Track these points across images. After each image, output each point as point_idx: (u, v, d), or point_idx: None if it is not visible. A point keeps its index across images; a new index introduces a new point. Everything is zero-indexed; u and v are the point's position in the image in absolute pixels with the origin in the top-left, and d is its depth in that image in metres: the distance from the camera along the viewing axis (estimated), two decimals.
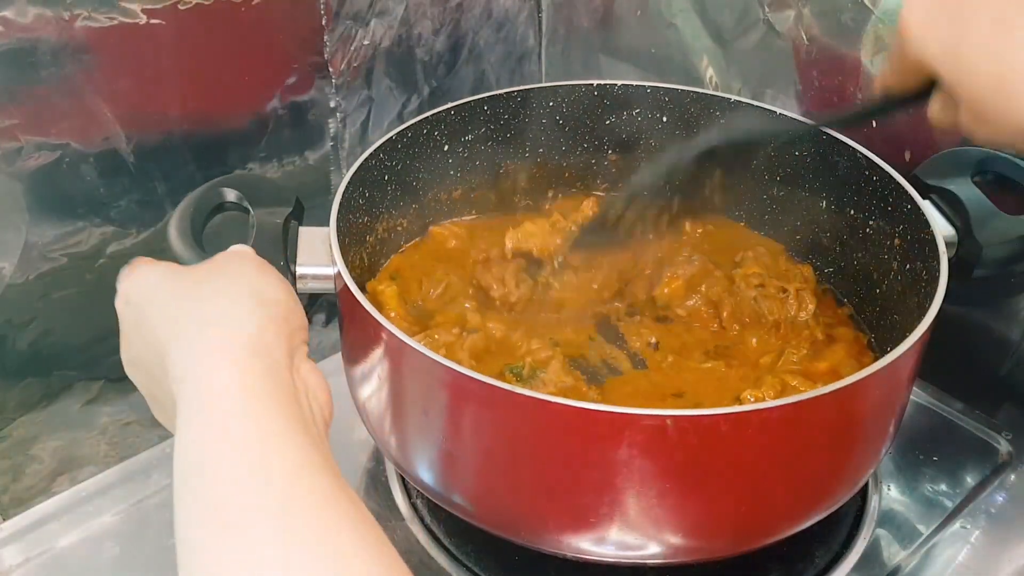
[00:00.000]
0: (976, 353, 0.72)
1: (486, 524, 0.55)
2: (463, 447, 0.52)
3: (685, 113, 0.74)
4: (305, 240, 0.57)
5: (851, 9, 0.69)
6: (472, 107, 0.71)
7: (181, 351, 0.42)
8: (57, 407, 0.69)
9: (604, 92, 0.75)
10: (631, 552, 0.50)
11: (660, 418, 0.44)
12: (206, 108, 0.68)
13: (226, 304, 0.44)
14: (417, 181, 0.70)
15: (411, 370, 0.51)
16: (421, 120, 0.67)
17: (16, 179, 0.60)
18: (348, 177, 0.60)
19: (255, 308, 0.44)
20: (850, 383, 0.46)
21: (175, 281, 0.47)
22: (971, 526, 0.65)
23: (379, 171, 0.65)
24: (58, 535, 0.66)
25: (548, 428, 0.47)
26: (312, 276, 0.56)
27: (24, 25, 0.57)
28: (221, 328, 0.42)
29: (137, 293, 0.47)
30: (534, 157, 0.76)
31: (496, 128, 0.73)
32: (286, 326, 0.45)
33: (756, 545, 0.53)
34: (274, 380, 0.41)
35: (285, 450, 0.38)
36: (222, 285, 0.46)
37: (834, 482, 0.53)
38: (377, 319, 0.50)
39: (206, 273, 0.48)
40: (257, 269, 0.48)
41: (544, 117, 0.74)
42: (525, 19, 0.90)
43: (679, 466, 0.47)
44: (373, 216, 0.66)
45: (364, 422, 0.59)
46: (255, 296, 0.45)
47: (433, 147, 0.70)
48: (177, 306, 0.45)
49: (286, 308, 0.46)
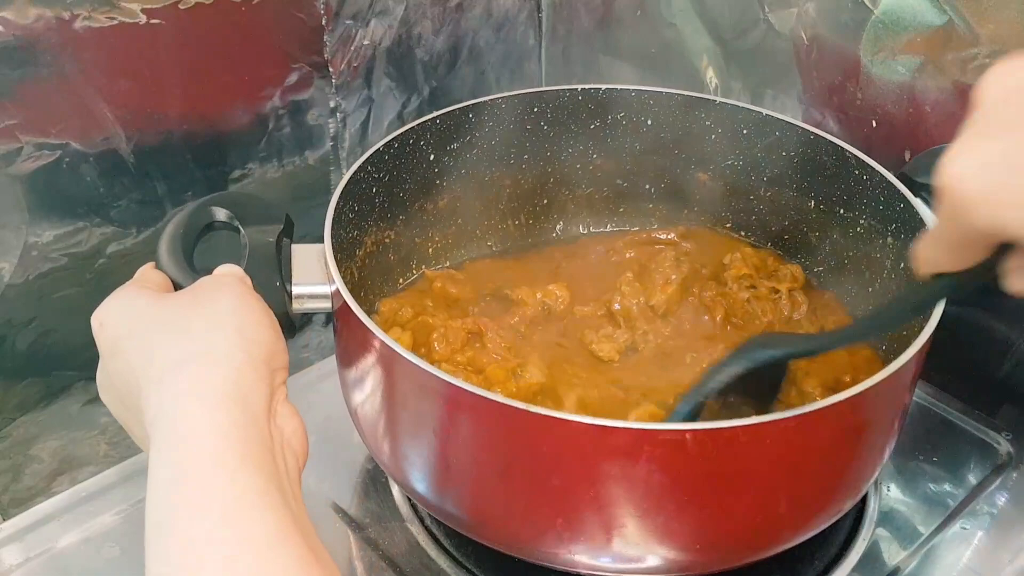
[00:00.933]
0: (976, 353, 0.72)
1: (480, 537, 0.54)
2: (458, 461, 0.51)
3: (670, 116, 0.73)
4: (299, 258, 0.56)
5: (851, 9, 0.69)
6: (457, 115, 0.70)
7: (156, 390, 0.40)
8: (57, 407, 0.69)
9: (588, 96, 0.74)
10: (631, 565, 0.50)
11: (667, 432, 0.44)
12: (206, 108, 0.68)
13: (205, 342, 0.42)
14: (404, 192, 0.69)
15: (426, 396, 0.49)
16: (407, 130, 0.67)
17: (16, 179, 0.60)
18: (338, 192, 0.59)
19: (236, 349, 0.42)
20: (864, 389, 0.46)
21: (154, 311, 0.45)
22: (971, 526, 0.65)
23: (367, 183, 0.64)
24: (58, 535, 0.66)
25: (546, 442, 0.46)
26: (308, 295, 0.54)
27: (24, 25, 0.57)
28: (198, 369, 0.40)
29: (114, 320, 0.45)
30: (519, 164, 0.75)
31: (480, 136, 0.72)
32: (267, 369, 0.43)
33: (761, 556, 0.53)
34: (250, 431, 0.39)
35: (259, 514, 0.36)
36: (202, 320, 0.44)
37: (840, 488, 0.53)
38: (377, 335, 0.49)
39: (187, 304, 0.45)
40: (241, 301, 0.45)
41: (528, 123, 0.73)
42: (525, 19, 0.90)
43: (686, 481, 0.46)
44: (362, 230, 0.65)
45: (357, 429, 0.59)
46: (237, 334, 0.43)
47: (419, 157, 0.69)
48: (154, 340, 0.43)
49: (269, 349, 0.44)
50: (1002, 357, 0.71)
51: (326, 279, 0.54)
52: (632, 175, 0.77)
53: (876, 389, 0.46)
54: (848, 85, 0.72)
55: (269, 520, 0.36)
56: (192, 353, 0.41)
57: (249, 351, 0.42)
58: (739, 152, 0.73)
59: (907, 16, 0.66)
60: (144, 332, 0.44)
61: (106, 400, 0.48)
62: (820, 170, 0.68)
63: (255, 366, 0.42)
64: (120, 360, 0.44)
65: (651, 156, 0.76)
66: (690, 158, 0.75)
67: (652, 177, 0.77)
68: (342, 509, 0.66)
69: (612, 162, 0.77)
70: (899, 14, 0.67)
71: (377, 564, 0.62)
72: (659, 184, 0.77)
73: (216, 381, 0.40)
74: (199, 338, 0.42)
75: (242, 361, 0.41)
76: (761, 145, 0.71)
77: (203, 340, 0.42)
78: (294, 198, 0.77)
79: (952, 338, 0.56)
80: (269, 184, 0.74)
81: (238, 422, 0.39)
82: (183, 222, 0.55)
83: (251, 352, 0.42)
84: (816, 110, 0.75)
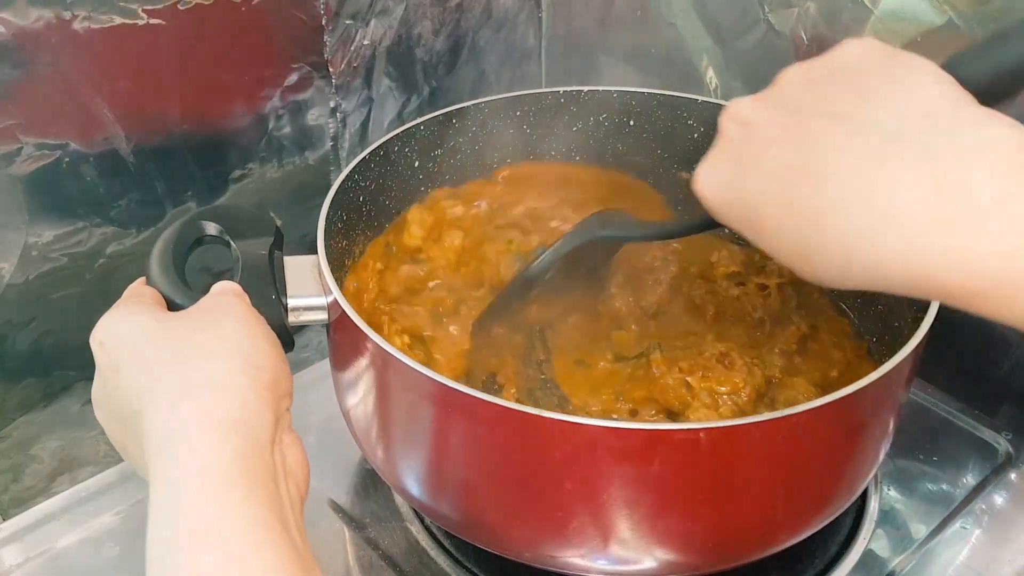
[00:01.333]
0: (976, 353, 0.72)
1: (475, 540, 0.54)
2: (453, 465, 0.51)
3: (652, 116, 0.73)
4: (292, 271, 0.55)
5: (851, 9, 0.69)
6: (441, 121, 0.70)
7: (159, 419, 0.40)
8: (57, 407, 0.69)
9: (570, 98, 0.73)
10: (627, 567, 0.50)
11: (660, 432, 0.44)
12: (206, 108, 0.68)
13: (209, 369, 0.41)
14: (389, 200, 0.69)
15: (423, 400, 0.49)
16: (392, 137, 0.66)
17: (16, 179, 0.60)
18: (328, 202, 0.59)
19: (240, 376, 0.41)
20: (860, 387, 0.46)
21: (156, 333, 0.44)
22: (971, 526, 0.65)
23: (355, 192, 0.64)
24: (58, 535, 0.66)
25: (537, 441, 0.46)
26: (305, 307, 0.54)
27: (24, 25, 0.57)
28: (202, 399, 0.40)
29: (114, 342, 0.45)
30: (502, 168, 0.75)
31: (464, 141, 0.72)
32: (272, 396, 0.42)
33: (758, 556, 0.53)
34: (254, 462, 0.38)
35: (263, 549, 0.36)
36: (206, 346, 0.43)
37: (836, 487, 0.53)
38: (376, 341, 0.48)
39: (191, 328, 0.44)
40: (244, 325, 0.45)
41: (511, 127, 0.73)
42: (525, 19, 0.90)
43: (682, 481, 0.46)
44: (351, 239, 0.65)
45: (350, 432, 0.60)
46: (242, 361, 0.42)
47: (404, 164, 0.69)
48: (157, 365, 0.42)
49: (273, 375, 0.43)
50: (1002, 357, 0.71)
51: (321, 291, 0.54)
52: (616, 176, 0.77)
53: (872, 387, 0.46)
54: None
55: (271, 556, 0.36)
56: (196, 382, 0.41)
57: (253, 378, 0.41)
58: None
59: (907, 16, 0.66)
60: (147, 357, 0.43)
61: (101, 418, 0.47)
62: None
63: (259, 394, 0.41)
64: (122, 383, 0.43)
65: (635, 156, 0.76)
66: (672, 157, 0.75)
67: (636, 176, 0.77)
68: (341, 508, 0.66)
69: (595, 163, 0.76)
70: (899, 14, 0.67)
71: (376, 563, 0.62)
72: (643, 184, 0.77)
73: (220, 412, 0.39)
74: (203, 366, 0.41)
75: (246, 389, 0.41)
76: None
77: (207, 368, 0.41)
78: (294, 198, 0.77)
79: (952, 338, 0.56)
80: (269, 184, 0.74)
81: (243, 453, 0.38)
82: (173, 237, 0.54)
83: (255, 379, 0.42)
84: None
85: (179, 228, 0.55)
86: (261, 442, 0.40)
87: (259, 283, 0.52)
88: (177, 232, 0.54)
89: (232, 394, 0.40)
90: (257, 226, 0.56)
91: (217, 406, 0.39)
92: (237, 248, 0.54)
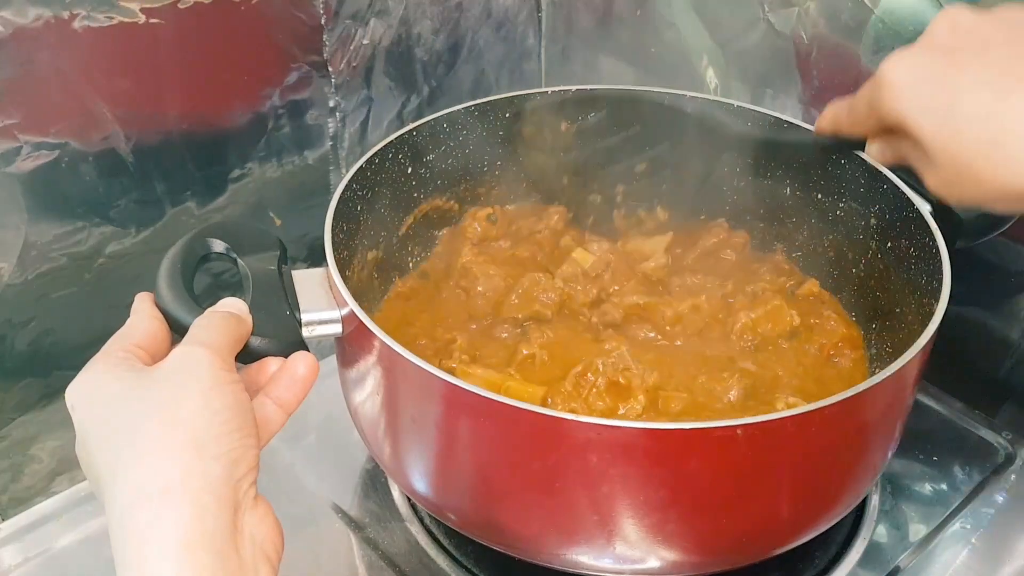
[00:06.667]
0: (976, 353, 0.72)
1: (480, 537, 0.54)
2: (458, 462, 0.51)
3: (644, 114, 0.73)
4: (302, 285, 0.54)
5: (851, 8, 0.69)
6: (432, 125, 0.69)
7: (116, 495, 0.39)
8: (57, 407, 0.69)
9: (559, 98, 0.73)
10: (631, 566, 0.50)
11: (666, 432, 0.44)
12: (205, 108, 0.68)
13: (159, 457, 0.40)
14: (384, 208, 0.68)
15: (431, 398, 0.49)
16: (387, 144, 0.66)
17: (15, 179, 0.60)
18: (331, 212, 0.58)
19: (193, 476, 0.39)
20: (867, 388, 0.46)
21: (118, 406, 0.42)
22: (971, 526, 0.65)
23: (353, 202, 0.63)
24: (57, 535, 0.66)
25: (548, 442, 0.46)
26: (318, 321, 0.53)
27: (23, 24, 0.57)
28: (157, 510, 0.38)
29: (82, 407, 0.44)
30: (492, 170, 0.75)
31: (456, 144, 0.71)
32: (228, 486, 0.40)
33: (762, 557, 0.53)
34: (212, 555, 0.38)
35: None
36: (159, 432, 0.40)
37: (841, 490, 0.53)
38: (383, 340, 0.48)
39: (151, 404, 0.42)
40: (203, 396, 0.42)
41: (501, 129, 0.73)
42: (525, 19, 0.90)
43: (688, 482, 0.46)
44: (351, 249, 0.64)
45: (357, 429, 0.59)
46: (194, 453, 0.40)
47: (399, 171, 0.68)
48: (115, 437, 0.41)
49: (231, 459, 0.41)
50: (1002, 357, 0.71)
51: (333, 304, 0.53)
52: (605, 176, 0.77)
53: (878, 389, 0.46)
54: (848, 84, 0.72)
55: None
56: (148, 467, 0.39)
57: (207, 474, 0.40)
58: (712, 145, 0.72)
59: (907, 16, 0.66)
60: (107, 426, 0.42)
61: (86, 474, 0.46)
62: (796, 155, 0.68)
63: (214, 489, 0.39)
64: (87, 448, 0.43)
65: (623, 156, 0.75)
66: (672, 157, 0.75)
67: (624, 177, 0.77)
68: (342, 509, 0.66)
69: (586, 163, 0.76)
70: (899, 14, 0.67)
71: (376, 564, 0.62)
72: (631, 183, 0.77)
73: (177, 527, 0.38)
74: (155, 450, 0.40)
75: (200, 490, 0.39)
76: (733, 135, 0.70)
77: (157, 456, 0.40)
78: (293, 198, 0.77)
79: (952, 338, 0.56)
80: (268, 184, 0.74)
81: (204, 566, 0.37)
82: (179, 256, 0.53)
83: (210, 474, 0.40)
84: (816, 110, 0.75)
85: (184, 246, 0.54)
86: (223, 544, 0.38)
87: (271, 300, 0.52)
88: (182, 250, 0.53)
89: (187, 504, 0.39)
90: (261, 241, 0.55)
91: (173, 523, 0.38)
92: (245, 265, 0.54)
